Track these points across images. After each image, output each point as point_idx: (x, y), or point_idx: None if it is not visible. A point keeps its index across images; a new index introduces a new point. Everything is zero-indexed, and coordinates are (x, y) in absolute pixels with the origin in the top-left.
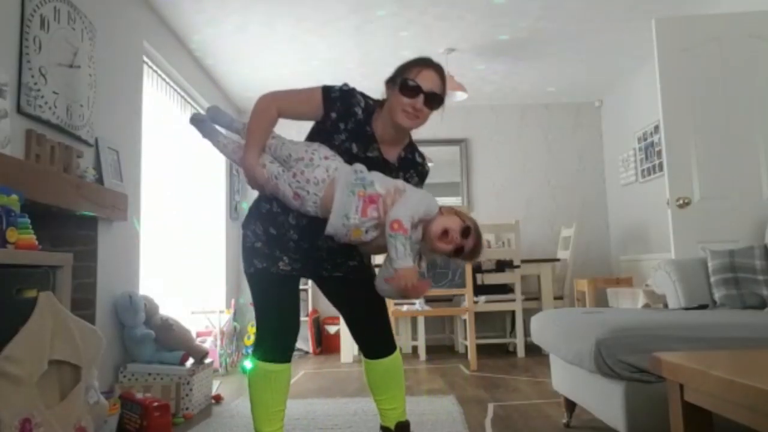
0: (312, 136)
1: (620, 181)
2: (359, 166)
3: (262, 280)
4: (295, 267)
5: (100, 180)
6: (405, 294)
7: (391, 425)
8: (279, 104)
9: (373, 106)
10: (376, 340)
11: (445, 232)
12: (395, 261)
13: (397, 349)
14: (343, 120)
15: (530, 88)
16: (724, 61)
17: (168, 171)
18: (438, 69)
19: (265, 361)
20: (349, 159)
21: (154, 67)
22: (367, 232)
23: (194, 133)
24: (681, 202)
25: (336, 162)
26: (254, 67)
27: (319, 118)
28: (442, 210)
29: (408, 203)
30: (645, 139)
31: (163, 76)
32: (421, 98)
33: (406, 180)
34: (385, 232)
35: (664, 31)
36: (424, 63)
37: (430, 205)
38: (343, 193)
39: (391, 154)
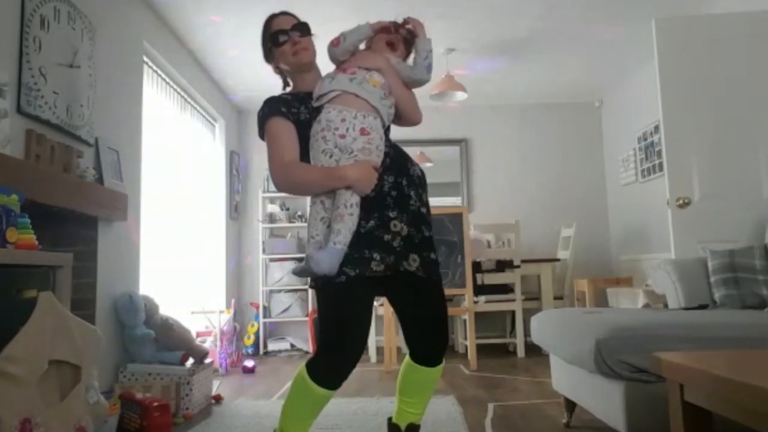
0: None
1: (620, 181)
2: (331, 84)
3: (350, 289)
4: (389, 261)
5: (100, 180)
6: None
7: (403, 425)
8: (287, 160)
9: (286, 93)
10: (433, 348)
11: (389, 45)
12: (364, 33)
13: (443, 363)
14: (289, 110)
15: (530, 88)
16: (724, 61)
17: (168, 171)
18: (282, 13)
19: (315, 383)
20: (308, 124)
21: (154, 67)
22: (372, 75)
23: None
24: (681, 202)
25: (321, 115)
26: (254, 67)
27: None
28: (369, 46)
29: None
30: (645, 139)
31: (163, 76)
32: (293, 36)
33: None
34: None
35: (664, 31)
36: (269, 19)
37: (357, 31)
38: (337, 87)
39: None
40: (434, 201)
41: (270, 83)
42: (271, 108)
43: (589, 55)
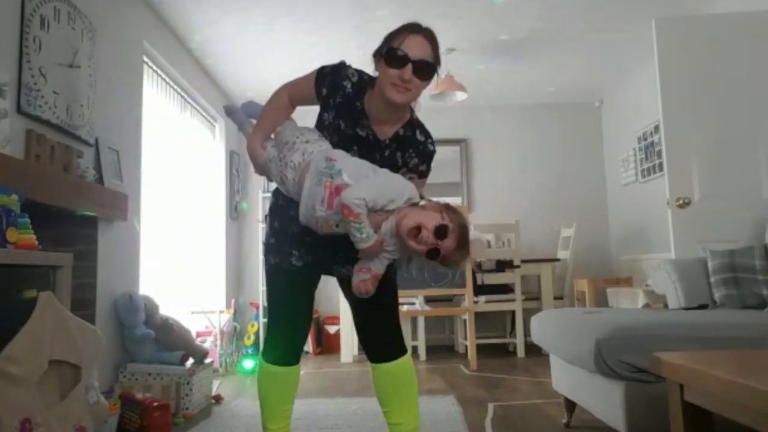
0: (317, 121)
1: (620, 181)
2: (334, 153)
3: (274, 276)
4: (306, 261)
5: (100, 180)
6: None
7: None
8: (289, 90)
9: (368, 81)
10: (380, 341)
11: (417, 229)
12: (357, 245)
13: (407, 354)
14: (332, 95)
15: (530, 88)
16: (724, 61)
17: (168, 171)
18: (427, 34)
19: (269, 363)
20: (339, 137)
21: (154, 67)
22: (337, 225)
23: (230, 123)
24: (681, 202)
25: (315, 146)
26: (254, 67)
27: (317, 99)
28: (426, 205)
29: (362, 186)
30: (645, 139)
31: (163, 76)
32: (409, 68)
33: (405, 161)
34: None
35: (664, 31)
36: (410, 29)
37: (395, 191)
38: (312, 182)
39: (386, 132)
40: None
41: (270, 84)
42: (326, 71)
43: (589, 55)
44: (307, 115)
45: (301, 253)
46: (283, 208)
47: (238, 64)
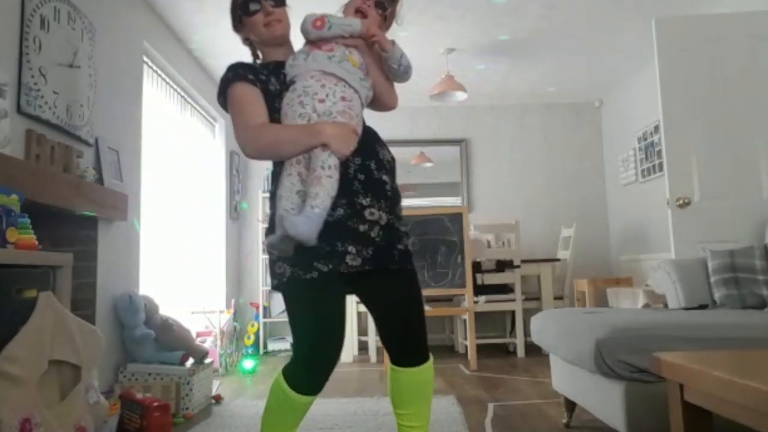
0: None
1: (620, 181)
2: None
3: (321, 288)
4: (366, 255)
5: (100, 180)
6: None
7: None
8: (254, 123)
9: (255, 61)
10: (409, 344)
11: (358, 12)
12: (354, 31)
13: (431, 360)
14: (257, 76)
15: (530, 88)
16: (724, 61)
17: (168, 171)
18: None
19: (292, 388)
20: (279, 97)
21: (154, 67)
22: (351, 53)
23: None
24: (681, 202)
25: (300, 78)
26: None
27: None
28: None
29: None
30: (645, 139)
31: (163, 76)
32: (266, 5)
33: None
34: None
35: (664, 31)
36: None
37: (346, 26)
38: (314, 66)
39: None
40: (434, 201)
41: None
42: (236, 73)
43: (589, 55)
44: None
45: (357, 248)
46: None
47: None
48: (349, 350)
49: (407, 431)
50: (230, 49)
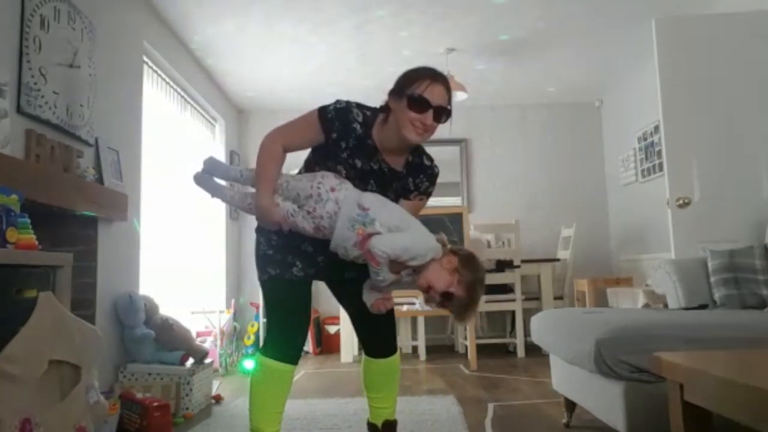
0: (315, 154)
1: (620, 181)
2: (366, 199)
3: (274, 286)
4: (308, 272)
5: (100, 180)
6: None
7: (379, 423)
8: (283, 140)
9: (371, 117)
10: (380, 340)
11: (428, 289)
12: (373, 282)
13: (398, 352)
14: (343, 138)
15: (530, 88)
16: (724, 61)
17: (168, 171)
18: (445, 82)
19: (271, 358)
20: (355, 174)
21: (154, 67)
22: (365, 261)
23: (202, 192)
24: (681, 202)
25: (343, 191)
26: (254, 67)
27: (322, 141)
28: (443, 258)
29: (390, 240)
30: (645, 139)
31: (163, 76)
32: (430, 113)
33: (416, 185)
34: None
35: (664, 31)
36: (431, 76)
37: (420, 251)
38: (344, 226)
39: (398, 161)
40: (434, 201)
41: (270, 84)
42: (330, 113)
43: (589, 55)
44: None
45: (304, 264)
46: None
47: (238, 64)
48: (349, 350)
49: (378, 411)
50: (230, 49)
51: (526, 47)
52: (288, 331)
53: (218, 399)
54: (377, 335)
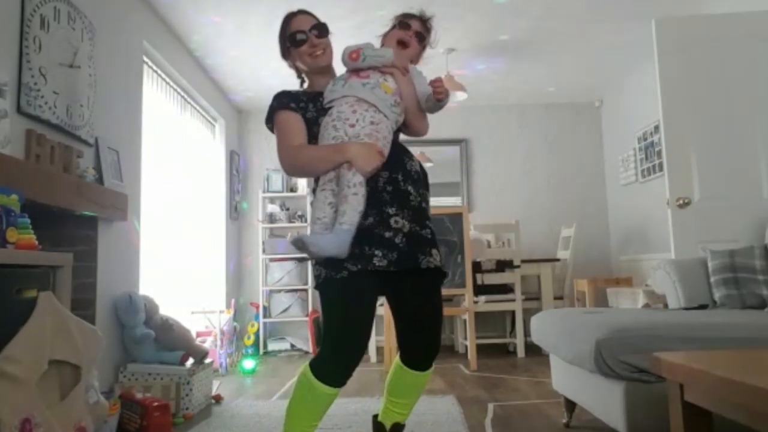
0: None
1: (620, 181)
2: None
3: (352, 286)
4: (391, 258)
5: (100, 180)
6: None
7: (388, 424)
8: (292, 145)
9: (299, 89)
10: (421, 354)
11: (400, 43)
12: (387, 60)
13: (432, 368)
14: (304, 109)
15: (530, 88)
16: (724, 61)
17: (168, 171)
18: (303, 11)
19: (320, 380)
20: (316, 123)
21: (154, 67)
22: (386, 80)
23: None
24: (681, 202)
25: (337, 103)
26: (254, 67)
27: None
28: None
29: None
30: (645, 139)
31: (163, 76)
32: (311, 36)
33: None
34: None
35: (664, 31)
36: (290, 15)
37: (379, 56)
38: (350, 93)
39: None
40: (434, 201)
41: (270, 83)
42: (280, 102)
43: (589, 55)
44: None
45: (383, 252)
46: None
47: (238, 63)
48: None
49: (393, 414)
50: (230, 49)
51: (526, 47)
52: (353, 350)
53: (218, 399)
54: (422, 348)
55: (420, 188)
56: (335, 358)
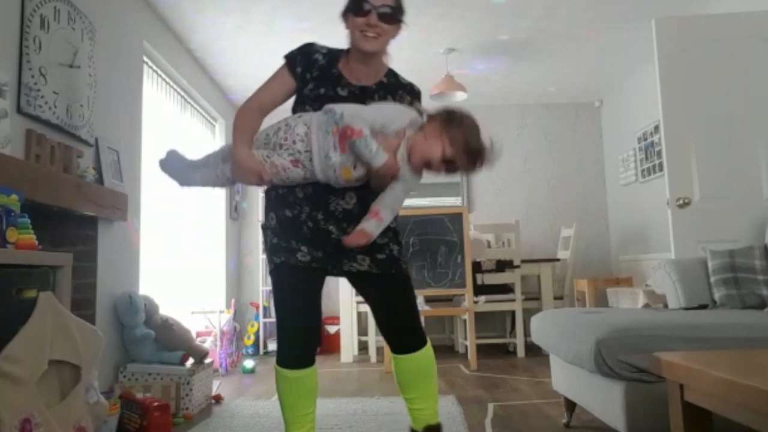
0: (293, 106)
1: (620, 181)
2: (328, 106)
3: (280, 276)
4: (315, 256)
5: (100, 180)
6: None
7: (420, 428)
8: (258, 98)
9: (337, 51)
10: (400, 332)
11: (427, 165)
12: (372, 164)
13: (428, 343)
14: (308, 70)
15: (530, 88)
16: (724, 61)
17: None
18: None
19: (283, 367)
20: (320, 103)
21: (154, 67)
22: (355, 168)
23: (171, 182)
24: (681, 202)
25: (308, 113)
26: (254, 67)
27: (294, 87)
28: (427, 129)
29: (363, 111)
30: (645, 139)
31: (163, 76)
32: (374, 14)
33: (397, 102)
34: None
35: (664, 31)
36: None
37: (394, 113)
38: (318, 135)
39: (370, 83)
40: (434, 201)
41: None
42: (294, 57)
43: (589, 55)
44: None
45: (309, 248)
46: (287, 194)
47: (238, 64)
48: (349, 350)
49: (416, 414)
50: (230, 49)
51: (526, 47)
52: (296, 333)
53: (218, 399)
54: (396, 326)
55: (348, 225)
56: (280, 342)
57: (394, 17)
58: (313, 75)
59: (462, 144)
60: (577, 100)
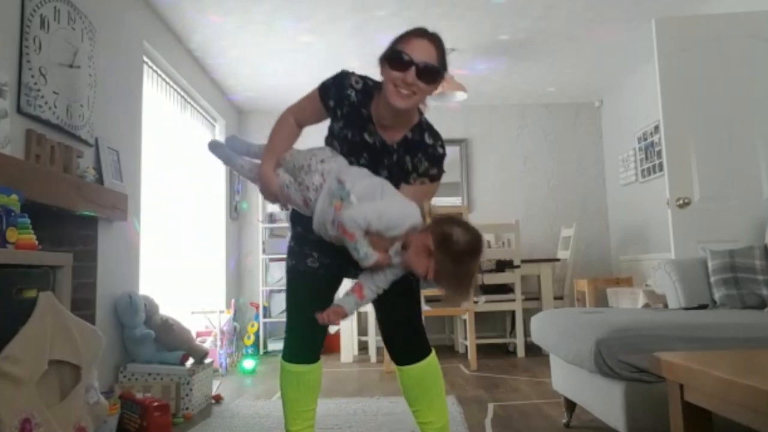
0: (327, 136)
1: (620, 181)
2: (346, 172)
3: (292, 278)
4: (323, 263)
5: (100, 180)
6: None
7: None
8: (293, 113)
9: (373, 87)
10: (401, 343)
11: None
12: (360, 263)
13: (432, 353)
14: (339, 105)
15: (530, 88)
16: (724, 61)
17: (168, 171)
18: (433, 38)
19: (289, 362)
20: (348, 148)
21: (154, 67)
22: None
23: (211, 156)
24: (681, 202)
25: (331, 163)
26: (254, 67)
27: (326, 115)
28: (420, 236)
29: (361, 208)
30: (645, 139)
31: (163, 76)
32: (412, 71)
33: (414, 165)
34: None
35: (664, 31)
36: (415, 33)
37: (397, 219)
38: (324, 200)
39: (394, 137)
40: (434, 201)
41: (270, 83)
42: (327, 83)
43: (589, 55)
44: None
45: (320, 254)
46: (304, 215)
47: (238, 64)
48: (349, 350)
49: (424, 428)
50: (230, 49)
51: (526, 47)
52: (303, 329)
53: (218, 399)
54: (400, 338)
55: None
56: (287, 338)
57: (434, 77)
58: (344, 112)
59: (449, 272)
60: (577, 100)
